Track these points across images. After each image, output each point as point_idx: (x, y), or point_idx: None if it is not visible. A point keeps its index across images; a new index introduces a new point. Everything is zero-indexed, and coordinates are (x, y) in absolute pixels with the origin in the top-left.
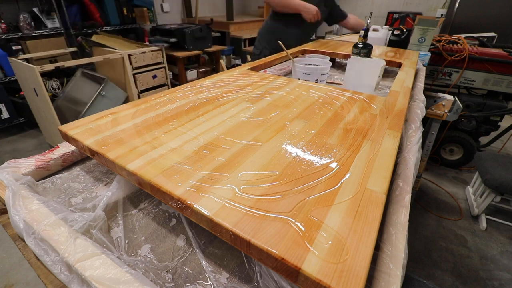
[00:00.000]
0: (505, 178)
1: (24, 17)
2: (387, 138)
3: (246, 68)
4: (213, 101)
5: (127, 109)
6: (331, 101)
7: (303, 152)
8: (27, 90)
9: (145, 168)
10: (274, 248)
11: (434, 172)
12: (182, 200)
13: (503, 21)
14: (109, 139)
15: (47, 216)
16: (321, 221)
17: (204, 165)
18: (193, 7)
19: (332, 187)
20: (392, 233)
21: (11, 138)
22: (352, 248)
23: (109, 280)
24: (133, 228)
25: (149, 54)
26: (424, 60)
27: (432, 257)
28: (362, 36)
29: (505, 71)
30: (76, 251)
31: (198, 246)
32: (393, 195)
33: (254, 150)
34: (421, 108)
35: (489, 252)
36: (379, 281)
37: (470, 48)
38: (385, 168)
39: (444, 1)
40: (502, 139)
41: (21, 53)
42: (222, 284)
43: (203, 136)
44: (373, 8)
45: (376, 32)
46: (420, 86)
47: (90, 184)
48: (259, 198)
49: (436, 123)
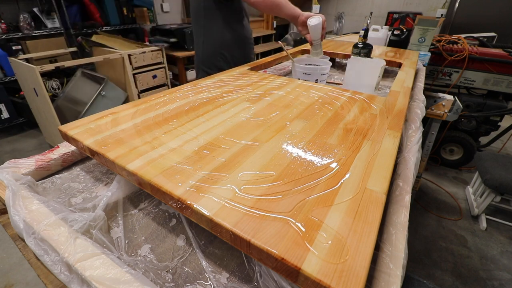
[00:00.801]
0: (505, 178)
1: (24, 17)
2: (387, 138)
3: (246, 68)
4: (213, 101)
5: (127, 109)
6: (331, 101)
7: (303, 152)
8: (27, 90)
9: (145, 168)
10: (274, 248)
11: (434, 172)
12: (182, 200)
13: (503, 21)
14: (109, 139)
15: (47, 216)
16: (321, 221)
17: (204, 165)
18: None
19: (332, 187)
20: (392, 233)
21: (11, 138)
22: (352, 248)
23: (109, 280)
24: (133, 228)
25: (149, 54)
26: (424, 60)
27: (432, 257)
28: (362, 36)
29: (505, 71)
30: (76, 251)
31: (198, 246)
32: (393, 195)
33: (254, 150)
34: (421, 108)
35: (489, 252)
36: (379, 281)
37: (470, 48)
38: (385, 168)
39: (444, 1)
40: (502, 139)
41: (21, 53)
42: (222, 284)
43: (203, 136)
44: (373, 8)
45: (376, 32)
46: (420, 86)
47: (90, 184)
48: (259, 198)
49: (436, 123)
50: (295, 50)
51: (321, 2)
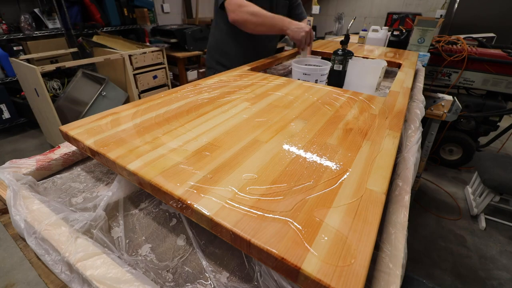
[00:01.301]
0: (504, 178)
1: (25, 18)
2: (386, 138)
3: (246, 69)
4: (213, 101)
5: (128, 109)
6: (331, 101)
7: (303, 152)
8: (28, 91)
9: (145, 168)
10: (274, 248)
11: (433, 172)
12: (183, 200)
13: (502, 22)
14: (110, 139)
15: (48, 216)
16: (321, 221)
17: (204, 165)
18: (194, 7)
19: (332, 187)
20: (392, 232)
21: (12, 138)
22: (352, 248)
23: (110, 280)
24: (133, 228)
25: (149, 55)
26: (423, 61)
27: (431, 257)
28: (341, 42)
29: (504, 71)
30: (77, 251)
31: (199, 245)
32: (392, 195)
33: (254, 150)
34: (421, 109)
35: (488, 252)
36: (378, 280)
37: (469, 48)
38: (385, 168)
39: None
40: (501, 139)
41: (22, 53)
42: (222, 283)
43: (204, 136)
44: (373, 9)
45: (375, 33)
46: (419, 87)
47: (90, 184)
48: (259, 198)
49: (435, 123)
50: (295, 50)
51: (321, 2)
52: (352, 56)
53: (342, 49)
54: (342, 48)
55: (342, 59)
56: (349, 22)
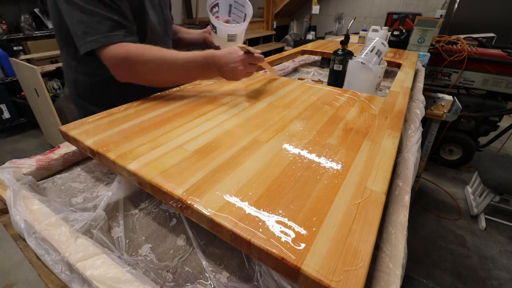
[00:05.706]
0: (504, 178)
1: (25, 18)
2: (386, 138)
3: None
4: (213, 101)
5: (127, 109)
6: (330, 101)
7: (303, 153)
8: (28, 91)
9: (145, 168)
10: (274, 248)
11: (433, 172)
12: (183, 200)
13: (502, 22)
14: (110, 139)
15: (48, 216)
16: (321, 221)
17: (204, 165)
18: (194, 8)
19: (332, 187)
20: (392, 232)
21: (12, 138)
22: (352, 248)
23: (110, 280)
24: (133, 228)
25: None
26: (423, 61)
27: (431, 257)
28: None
29: (504, 71)
30: (77, 251)
31: (199, 245)
32: (392, 195)
33: (254, 150)
34: (421, 109)
35: (488, 252)
36: (378, 280)
37: (469, 48)
38: (385, 168)
39: (444, 2)
40: (501, 139)
41: (22, 53)
42: (223, 283)
43: (203, 136)
44: (373, 9)
45: (375, 33)
46: (419, 87)
47: (90, 184)
48: (259, 198)
49: (435, 123)
50: (295, 50)
51: (321, 2)
52: (352, 56)
53: (342, 49)
54: (342, 48)
55: (342, 59)
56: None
